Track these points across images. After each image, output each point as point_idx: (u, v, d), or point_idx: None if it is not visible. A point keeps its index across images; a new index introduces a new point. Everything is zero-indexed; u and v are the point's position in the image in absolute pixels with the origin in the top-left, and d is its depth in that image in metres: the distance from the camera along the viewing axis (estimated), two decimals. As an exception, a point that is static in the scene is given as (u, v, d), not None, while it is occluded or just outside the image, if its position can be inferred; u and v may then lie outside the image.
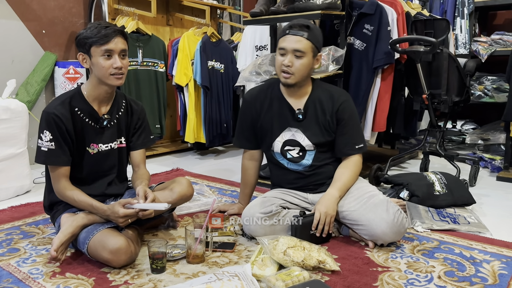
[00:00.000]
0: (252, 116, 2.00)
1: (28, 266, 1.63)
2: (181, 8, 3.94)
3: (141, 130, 1.94)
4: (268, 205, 1.84)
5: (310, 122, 1.93)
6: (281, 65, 1.85)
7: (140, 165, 1.92)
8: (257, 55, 3.32)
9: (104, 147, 1.83)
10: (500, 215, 2.26)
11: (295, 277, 1.43)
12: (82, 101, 1.77)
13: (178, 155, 3.77)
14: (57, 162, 1.71)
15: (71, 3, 3.45)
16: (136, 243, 1.68)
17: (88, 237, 1.61)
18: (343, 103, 1.92)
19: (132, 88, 3.40)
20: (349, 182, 1.90)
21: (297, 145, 1.94)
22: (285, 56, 1.84)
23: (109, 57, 1.68)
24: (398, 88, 2.93)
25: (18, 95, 3.07)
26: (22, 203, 2.37)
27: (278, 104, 1.96)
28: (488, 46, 3.72)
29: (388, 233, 1.73)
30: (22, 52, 3.19)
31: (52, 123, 1.69)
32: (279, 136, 1.96)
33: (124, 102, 1.90)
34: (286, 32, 1.85)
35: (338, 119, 1.92)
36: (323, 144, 1.93)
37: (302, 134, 1.93)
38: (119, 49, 1.69)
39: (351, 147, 1.93)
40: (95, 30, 1.67)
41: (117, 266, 1.58)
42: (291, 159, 1.96)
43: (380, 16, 2.60)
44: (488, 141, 3.48)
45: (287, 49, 1.83)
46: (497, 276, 1.56)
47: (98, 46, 1.67)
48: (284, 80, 1.87)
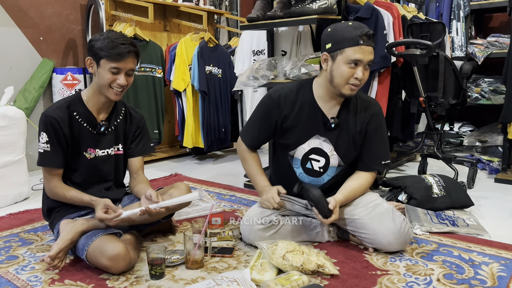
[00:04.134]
0: (277, 118, 1.82)
1: (26, 273, 1.62)
2: (178, 14, 3.95)
3: (140, 137, 1.94)
4: (267, 215, 1.80)
5: (340, 132, 1.81)
6: (350, 77, 1.67)
7: (139, 172, 1.92)
8: (254, 60, 3.33)
9: (101, 152, 1.84)
10: (498, 217, 2.26)
11: (294, 281, 1.43)
12: (81, 106, 1.79)
13: (176, 160, 3.77)
14: (50, 164, 1.74)
15: (68, 10, 3.46)
16: (134, 249, 1.68)
17: (87, 243, 1.60)
18: (375, 113, 1.82)
19: (130, 94, 3.41)
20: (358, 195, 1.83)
21: (323, 156, 1.82)
22: (356, 68, 1.66)
23: (115, 74, 1.69)
24: (395, 91, 2.94)
25: (16, 102, 3.07)
26: (21, 210, 2.37)
27: (309, 109, 1.81)
28: (484, 48, 3.73)
29: (394, 243, 1.72)
30: (20, 59, 3.19)
31: (49, 126, 1.72)
32: (306, 143, 1.82)
33: (124, 110, 1.91)
34: (359, 43, 1.64)
35: (366, 130, 1.82)
36: (348, 158, 1.83)
37: (330, 144, 1.81)
38: (128, 68, 1.71)
39: (378, 162, 1.84)
40: (110, 44, 1.66)
41: (116, 273, 1.58)
42: (309, 170, 1.85)
43: (376, 20, 2.61)
44: (486, 143, 3.49)
45: (363, 62, 1.66)
46: (496, 278, 1.56)
47: (109, 61, 1.67)
48: (349, 92, 1.70)
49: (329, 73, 1.73)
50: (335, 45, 1.68)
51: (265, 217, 1.79)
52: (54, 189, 1.76)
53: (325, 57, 1.74)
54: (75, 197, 1.73)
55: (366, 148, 1.83)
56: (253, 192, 2.71)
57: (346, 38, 1.66)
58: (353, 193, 1.81)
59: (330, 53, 1.71)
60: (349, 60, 1.65)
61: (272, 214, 1.81)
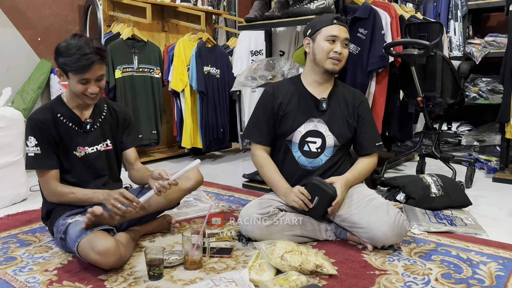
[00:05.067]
0: (273, 106, 1.97)
1: (25, 274, 1.62)
2: (176, 14, 3.95)
3: (129, 129, 1.99)
4: (265, 206, 1.84)
5: (332, 112, 1.96)
6: (329, 51, 1.89)
7: (136, 162, 1.98)
8: (252, 60, 3.34)
9: (90, 149, 1.86)
10: (496, 216, 2.27)
11: (292, 281, 1.43)
12: (64, 107, 1.82)
13: (175, 161, 3.77)
14: (44, 166, 1.75)
15: (66, 10, 3.46)
16: (126, 246, 1.68)
17: (80, 235, 1.61)
18: (363, 101, 2.03)
19: (128, 94, 3.40)
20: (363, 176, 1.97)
21: (319, 137, 1.94)
22: (334, 44, 1.89)
23: (85, 84, 1.71)
24: (393, 91, 2.94)
25: (14, 103, 3.07)
26: (19, 211, 2.36)
27: (301, 96, 1.98)
28: (482, 48, 3.74)
29: (389, 236, 1.73)
30: (18, 60, 3.19)
31: (35, 128, 1.74)
32: (301, 126, 1.95)
33: (106, 106, 1.95)
34: (333, 22, 1.90)
35: (358, 115, 1.99)
36: (343, 137, 1.95)
37: (324, 124, 1.95)
38: (96, 76, 1.72)
39: (373, 144, 2.00)
40: (74, 57, 1.65)
41: (106, 268, 1.58)
42: (307, 153, 1.94)
43: (374, 20, 2.61)
44: (484, 143, 3.50)
45: (339, 37, 1.89)
46: (494, 278, 1.57)
47: (75, 75, 1.69)
48: (332, 66, 1.91)
49: (312, 54, 1.95)
50: (313, 28, 1.95)
51: (263, 208, 1.83)
52: (56, 190, 1.75)
53: (307, 42, 1.98)
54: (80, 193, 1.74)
55: (361, 132, 2.00)
56: (252, 193, 2.71)
57: (321, 21, 1.94)
58: (359, 174, 1.95)
59: (311, 37, 1.95)
60: (327, 37, 1.90)
61: (270, 206, 1.85)
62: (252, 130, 2.02)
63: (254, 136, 2.01)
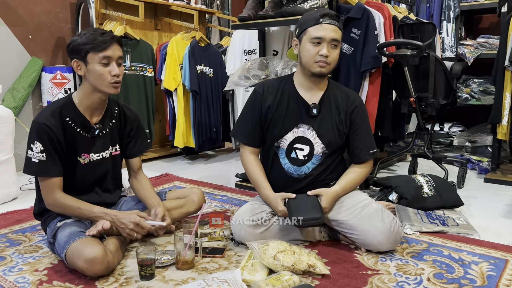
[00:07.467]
0: (262, 108, 1.89)
1: (14, 274, 1.60)
2: (169, 13, 3.93)
3: (137, 137, 1.94)
4: (258, 212, 1.81)
5: (323, 119, 1.86)
6: (316, 55, 1.76)
7: (139, 171, 1.96)
8: (245, 60, 3.33)
9: (96, 156, 1.80)
10: (488, 216, 2.28)
11: (285, 281, 1.43)
12: (73, 111, 1.73)
13: (167, 160, 3.75)
14: (49, 173, 1.68)
15: (57, 8, 3.42)
16: (115, 253, 1.63)
17: (69, 241, 1.57)
18: (358, 106, 1.90)
19: (120, 93, 3.34)
20: (354, 186, 1.89)
21: (307, 144, 1.86)
22: (320, 46, 1.75)
23: (107, 65, 1.66)
24: (385, 92, 2.95)
25: (4, 101, 3.03)
26: (9, 211, 2.33)
27: (291, 99, 1.88)
28: (474, 49, 3.77)
29: (384, 244, 1.72)
30: (8, 58, 3.15)
31: (43, 134, 1.65)
32: (290, 132, 1.87)
33: (117, 110, 1.88)
34: (320, 21, 1.75)
35: (351, 121, 1.88)
36: (332, 145, 1.87)
37: (313, 131, 1.86)
38: (116, 56, 1.68)
39: (366, 151, 1.89)
40: (91, 37, 1.64)
41: (92, 276, 1.54)
42: (293, 160, 1.87)
43: (367, 20, 2.62)
44: (475, 143, 3.52)
45: (325, 39, 1.74)
46: (486, 278, 1.57)
47: (96, 52, 1.64)
48: (319, 69, 1.78)
49: (299, 56, 1.84)
50: (300, 28, 1.83)
51: (256, 214, 1.79)
52: (62, 201, 1.69)
53: (295, 43, 1.87)
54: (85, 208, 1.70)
55: (355, 139, 1.90)
56: (245, 192, 2.70)
57: (308, 20, 1.80)
58: (349, 184, 1.87)
59: (298, 37, 1.84)
60: (311, 39, 1.77)
61: (263, 212, 1.81)
62: (240, 130, 1.96)
63: (242, 137, 1.95)
